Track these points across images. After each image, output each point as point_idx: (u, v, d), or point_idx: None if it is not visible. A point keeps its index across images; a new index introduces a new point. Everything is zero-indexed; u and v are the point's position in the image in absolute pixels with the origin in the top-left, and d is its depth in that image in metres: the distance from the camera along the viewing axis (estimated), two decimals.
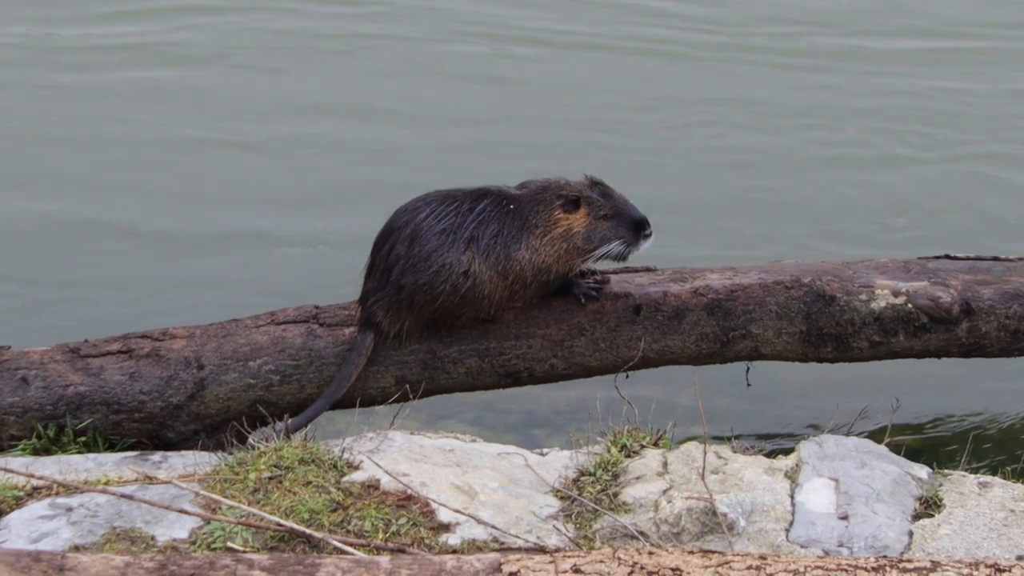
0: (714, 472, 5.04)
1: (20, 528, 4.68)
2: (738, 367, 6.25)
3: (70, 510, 4.77)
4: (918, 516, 4.91)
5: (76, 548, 4.56)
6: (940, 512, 4.92)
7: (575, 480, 5.08)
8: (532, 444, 5.95)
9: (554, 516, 4.88)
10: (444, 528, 4.73)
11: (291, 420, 5.66)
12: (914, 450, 6.09)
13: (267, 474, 4.93)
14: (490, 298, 5.66)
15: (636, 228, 5.71)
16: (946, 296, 5.99)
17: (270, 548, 4.56)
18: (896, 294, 6.00)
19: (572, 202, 5.69)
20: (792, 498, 4.93)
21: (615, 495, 4.96)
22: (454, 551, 4.60)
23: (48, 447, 5.56)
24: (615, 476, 5.06)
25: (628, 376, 6.03)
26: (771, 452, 5.44)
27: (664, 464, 5.10)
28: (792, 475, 5.05)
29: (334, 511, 4.77)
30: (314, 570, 3.99)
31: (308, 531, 4.56)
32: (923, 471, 5.17)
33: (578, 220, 5.69)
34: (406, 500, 4.85)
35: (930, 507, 4.95)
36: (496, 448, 5.32)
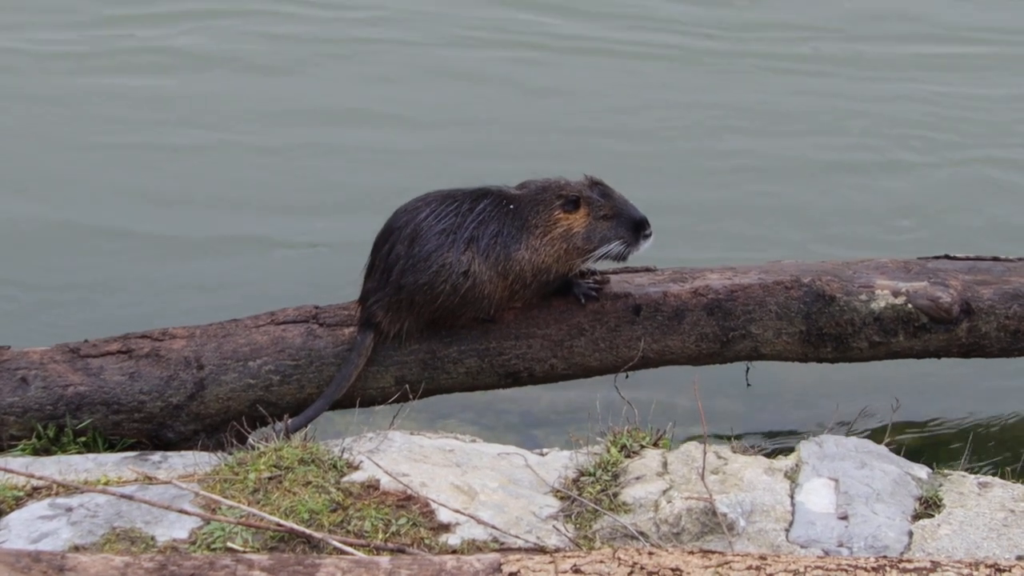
0: (714, 472, 5.04)
1: (20, 528, 4.68)
2: (738, 367, 6.25)
3: (70, 510, 4.77)
4: (918, 516, 4.90)
5: (76, 548, 4.56)
6: (940, 512, 4.92)
7: (575, 480, 5.08)
8: (532, 444, 5.95)
9: (554, 516, 4.88)
10: (444, 528, 4.73)
11: (291, 420, 5.66)
12: (914, 450, 6.09)
13: (267, 474, 4.92)
14: (490, 298, 5.66)
15: (636, 228, 5.71)
16: (946, 296, 5.99)
17: (270, 548, 4.56)
18: (896, 294, 5.99)
19: (572, 202, 5.68)
20: (792, 498, 4.92)
21: (615, 495, 4.96)
22: (454, 551, 4.60)
23: (48, 447, 5.56)
24: (615, 476, 5.06)
25: (628, 376, 6.03)
26: (771, 452, 5.45)
27: (664, 464, 5.10)
28: (792, 475, 5.05)
29: (334, 511, 4.76)
30: (314, 570, 3.99)
31: (308, 531, 4.56)
32: (923, 471, 5.17)
33: (578, 220, 5.68)
34: (406, 500, 4.84)
35: (930, 507, 4.95)
36: (496, 448, 5.32)
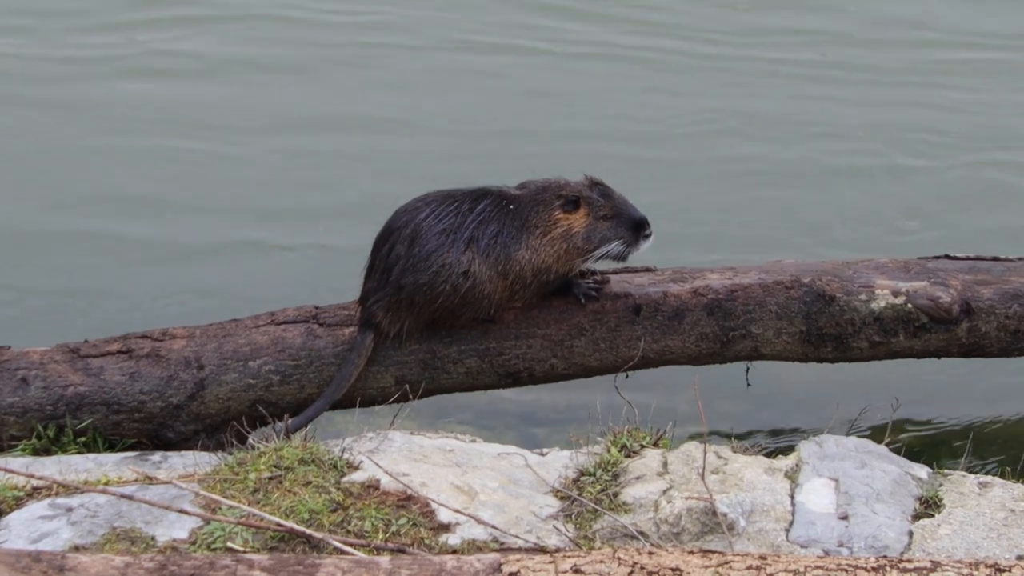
0: (714, 472, 5.03)
1: (20, 528, 4.68)
2: (738, 367, 6.25)
3: (70, 510, 4.77)
4: (918, 516, 4.90)
5: (76, 548, 4.56)
6: (940, 512, 4.92)
7: (575, 480, 5.08)
8: (532, 444, 5.95)
9: (554, 516, 4.88)
10: (444, 528, 4.73)
11: (291, 420, 5.66)
12: (914, 450, 6.09)
13: (267, 474, 4.92)
14: (490, 298, 5.66)
15: (636, 228, 5.71)
16: (946, 296, 5.99)
17: (270, 548, 4.56)
18: (896, 294, 5.99)
19: (572, 202, 5.68)
20: (792, 498, 4.92)
21: (615, 495, 4.96)
22: (454, 551, 4.60)
23: (48, 447, 5.56)
24: (615, 476, 5.06)
25: (628, 376, 6.03)
26: (771, 452, 5.44)
27: (664, 464, 5.10)
28: (792, 475, 5.05)
29: (334, 511, 4.76)
30: (314, 570, 3.99)
31: (308, 531, 4.56)
32: (923, 471, 5.17)
33: (578, 220, 5.68)
34: (406, 500, 4.84)
35: (930, 507, 4.95)
36: (496, 448, 5.32)
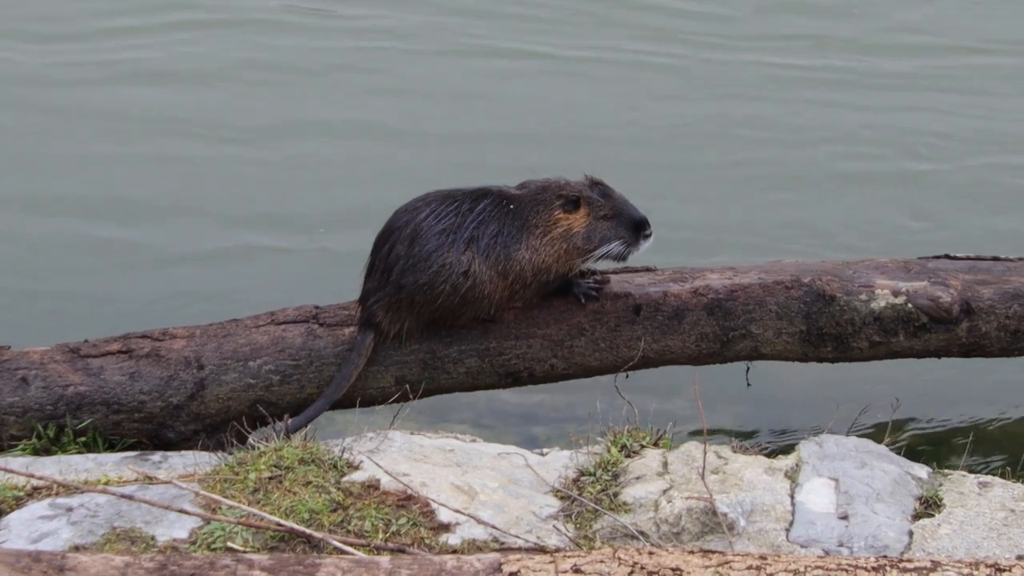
0: (714, 472, 5.03)
1: (20, 528, 4.68)
2: (738, 367, 6.25)
3: (70, 510, 4.77)
4: (918, 516, 4.90)
5: (76, 548, 4.56)
6: (940, 512, 4.92)
7: (575, 480, 5.08)
8: (532, 444, 5.96)
9: (554, 516, 4.88)
10: (444, 528, 4.73)
11: (291, 420, 5.66)
12: (914, 450, 6.09)
13: (267, 474, 4.92)
14: (490, 298, 5.66)
15: (636, 228, 5.71)
16: (946, 296, 5.99)
17: (270, 548, 4.56)
18: (896, 294, 5.99)
19: (572, 202, 5.68)
20: (792, 498, 4.92)
21: (615, 495, 4.96)
22: (454, 551, 4.60)
23: (48, 447, 5.55)
24: (615, 476, 5.06)
25: (628, 376, 6.02)
26: (771, 452, 5.44)
27: (664, 464, 5.10)
28: (792, 475, 5.05)
29: (334, 511, 4.76)
30: (314, 570, 3.99)
31: (308, 531, 4.56)
32: (923, 471, 5.17)
33: (578, 220, 5.68)
34: (406, 500, 4.84)
35: (930, 507, 4.95)
36: (496, 448, 5.32)
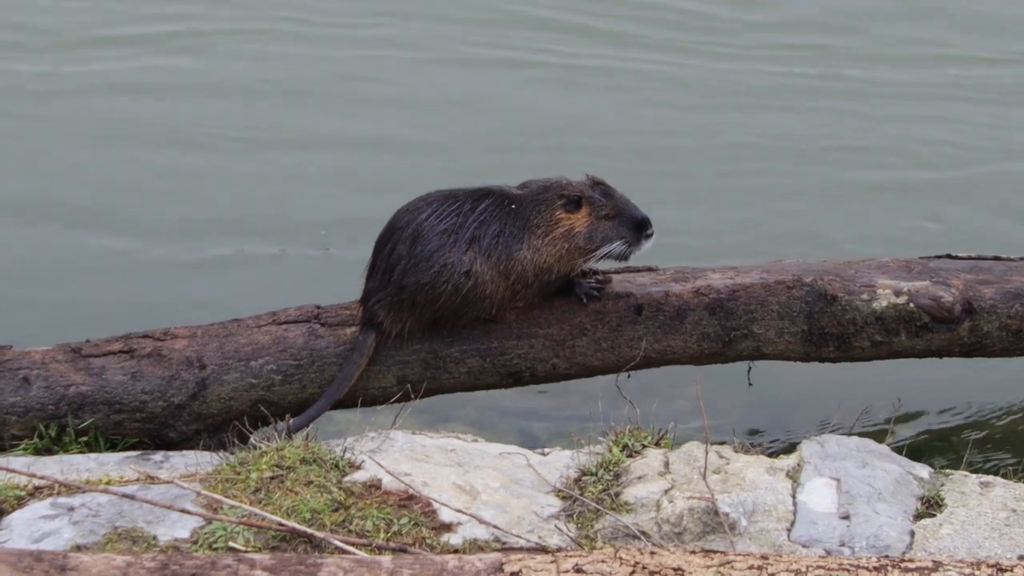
0: (716, 472, 5.03)
1: (22, 528, 4.68)
2: (740, 367, 6.25)
3: (72, 510, 4.77)
4: (920, 516, 4.90)
5: (78, 548, 4.56)
6: (942, 512, 4.92)
7: (577, 480, 5.08)
8: (534, 444, 5.96)
9: (556, 516, 4.88)
10: (446, 528, 4.73)
11: (293, 420, 5.65)
12: (915, 450, 6.09)
13: (269, 474, 4.93)
14: (492, 298, 5.66)
15: (638, 228, 5.71)
16: (948, 296, 5.99)
17: (272, 548, 4.56)
18: (898, 294, 5.99)
19: (574, 202, 5.68)
20: (794, 498, 4.92)
21: (617, 495, 4.96)
22: (456, 551, 4.60)
23: (50, 447, 5.56)
24: (617, 476, 5.06)
25: (630, 376, 6.02)
26: (773, 452, 5.45)
27: (666, 464, 5.10)
28: (794, 475, 5.04)
29: (336, 511, 4.77)
30: (316, 570, 3.99)
31: (310, 531, 4.56)
32: (924, 471, 5.17)
33: (580, 220, 5.68)
34: (408, 500, 4.84)
35: (932, 507, 4.95)
36: (498, 448, 5.32)
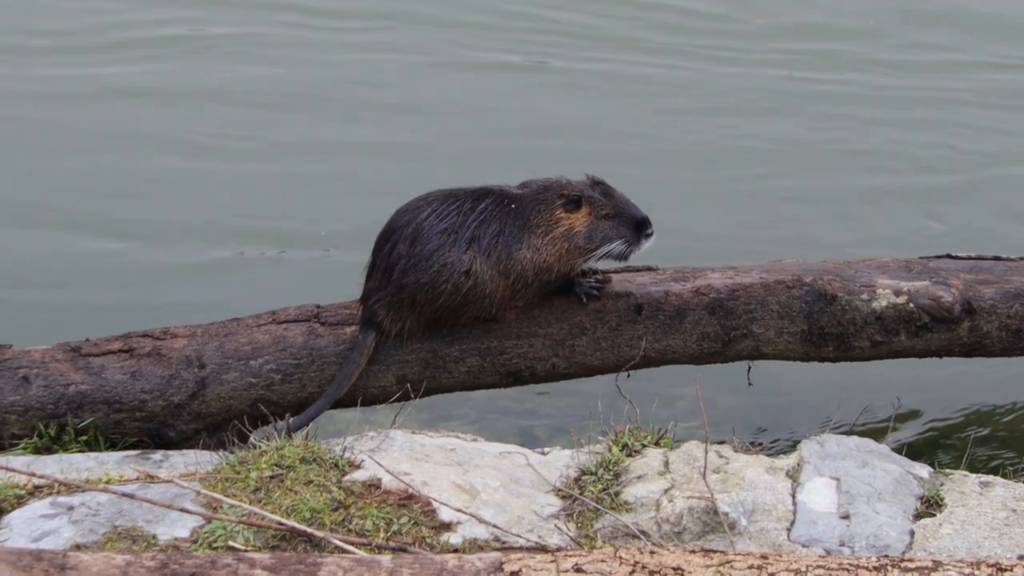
0: (715, 471, 5.03)
1: (21, 527, 4.68)
2: (739, 366, 6.24)
3: (71, 509, 4.77)
4: (919, 515, 4.90)
5: (77, 547, 4.56)
6: (941, 511, 4.92)
7: (576, 479, 5.08)
8: (533, 443, 5.96)
9: (555, 515, 4.88)
10: (446, 527, 4.73)
11: (292, 419, 5.65)
12: (915, 449, 6.09)
13: (268, 473, 4.92)
14: (492, 297, 5.66)
15: (638, 227, 5.71)
16: (948, 296, 5.99)
17: (271, 547, 4.56)
18: (897, 293, 5.99)
19: (574, 201, 5.68)
20: (793, 497, 4.92)
21: (616, 494, 4.96)
22: (456, 550, 4.60)
23: (49, 446, 5.55)
24: (616, 475, 5.06)
25: (629, 375, 6.02)
26: (772, 451, 5.45)
27: (665, 463, 5.10)
28: (793, 474, 5.05)
29: (335, 510, 4.76)
30: (316, 569, 3.99)
31: (309, 530, 4.56)
32: (924, 470, 5.17)
33: (580, 219, 5.68)
34: (407, 499, 4.84)
35: (931, 506, 4.95)
36: (497, 447, 5.32)
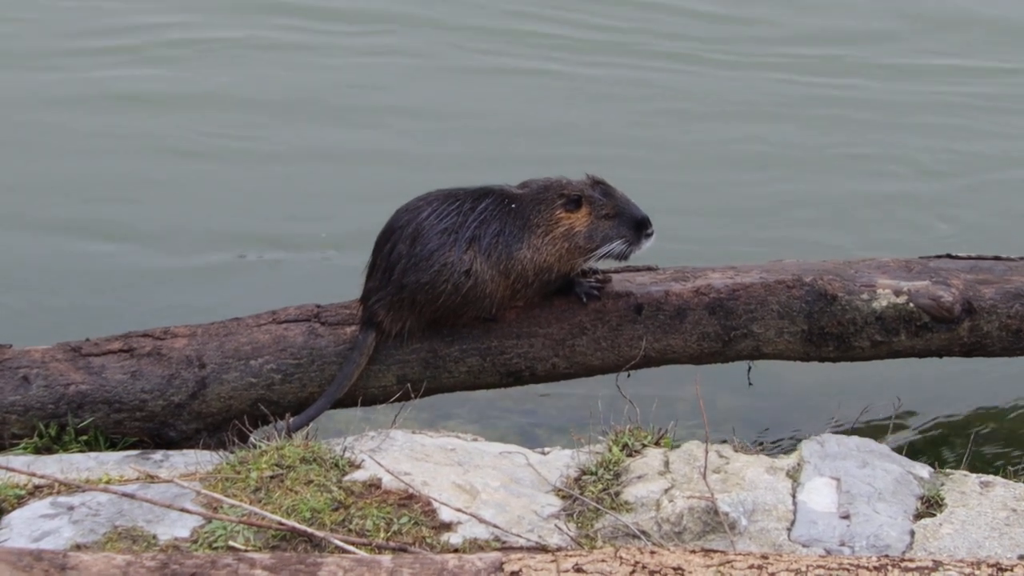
0: (716, 471, 5.03)
1: (22, 527, 4.68)
2: (740, 366, 6.25)
3: (72, 509, 4.77)
4: (920, 515, 4.90)
5: (78, 547, 4.56)
6: (942, 511, 4.92)
7: (577, 479, 5.08)
8: (534, 443, 5.95)
9: (556, 515, 4.88)
10: (446, 527, 4.73)
11: (292, 419, 5.65)
12: (916, 449, 6.10)
13: (268, 473, 4.92)
14: (492, 297, 5.66)
15: (638, 227, 5.71)
16: (948, 295, 5.99)
17: (272, 547, 4.56)
18: (898, 293, 5.99)
19: (574, 201, 5.68)
20: (794, 497, 4.92)
21: (617, 494, 4.95)
22: (456, 550, 4.60)
23: (50, 446, 5.55)
24: (617, 475, 5.06)
25: (629, 375, 6.02)
26: (773, 451, 5.45)
27: (666, 463, 5.10)
28: (794, 474, 5.04)
29: (336, 510, 4.76)
30: (316, 569, 3.99)
31: (310, 530, 4.56)
32: (925, 470, 5.17)
33: (580, 219, 5.68)
34: (408, 499, 4.84)
35: (932, 506, 4.95)
36: (498, 447, 5.32)
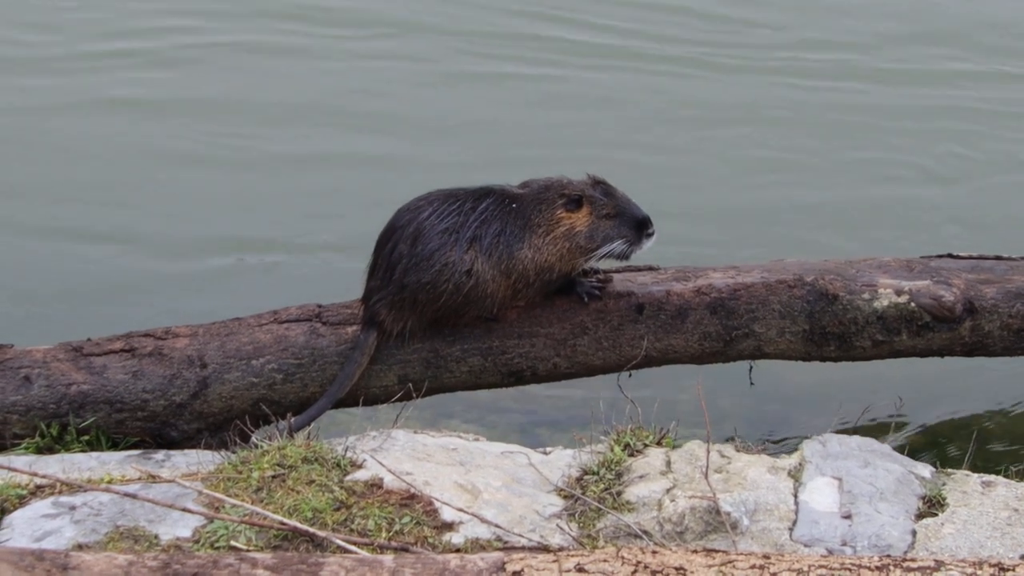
0: (717, 471, 5.03)
1: (23, 527, 4.68)
2: (741, 366, 6.24)
3: (73, 509, 4.77)
4: (921, 515, 4.90)
5: (79, 547, 4.56)
6: (944, 511, 4.92)
7: (578, 479, 5.08)
8: (535, 443, 5.95)
9: (557, 515, 4.88)
10: (448, 527, 4.73)
11: (294, 419, 5.65)
12: (917, 449, 6.09)
13: (270, 473, 4.92)
14: (493, 297, 5.66)
15: (639, 227, 5.71)
16: (949, 295, 5.99)
17: (273, 547, 4.56)
18: (899, 293, 5.99)
19: (575, 201, 5.68)
20: (795, 497, 4.92)
21: (618, 494, 4.96)
22: (458, 550, 4.60)
23: (51, 446, 5.56)
24: (618, 475, 5.06)
25: (631, 375, 6.02)
26: (774, 451, 5.45)
27: (667, 463, 5.10)
28: (795, 474, 5.05)
29: (337, 510, 4.76)
30: (317, 569, 3.99)
31: (311, 530, 4.56)
32: (926, 470, 5.17)
33: (581, 219, 5.68)
34: (409, 499, 4.84)
35: (933, 506, 4.95)
36: (499, 447, 5.32)
